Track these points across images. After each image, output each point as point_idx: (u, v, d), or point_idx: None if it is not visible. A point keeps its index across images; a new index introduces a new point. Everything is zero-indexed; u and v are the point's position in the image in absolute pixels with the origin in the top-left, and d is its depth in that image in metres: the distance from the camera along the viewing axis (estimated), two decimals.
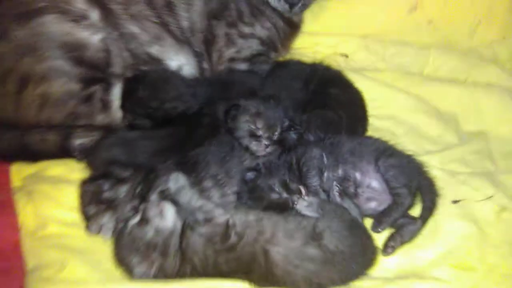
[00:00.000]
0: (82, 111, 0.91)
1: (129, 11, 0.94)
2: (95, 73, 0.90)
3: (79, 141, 0.89)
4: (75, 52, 0.87)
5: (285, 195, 0.77)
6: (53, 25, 0.85)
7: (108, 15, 0.91)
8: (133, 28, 0.94)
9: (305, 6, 1.01)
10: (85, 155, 0.87)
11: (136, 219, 0.72)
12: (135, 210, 0.74)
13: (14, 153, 0.91)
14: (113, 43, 0.91)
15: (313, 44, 1.21)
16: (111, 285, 0.69)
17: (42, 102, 0.88)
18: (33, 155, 0.91)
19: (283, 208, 0.76)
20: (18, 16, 0.85)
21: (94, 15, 0.89)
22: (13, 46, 0.85)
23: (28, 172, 0.91)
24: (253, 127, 0.83)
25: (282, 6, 0.98)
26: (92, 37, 0.88)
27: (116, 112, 0.93)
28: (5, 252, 0.77)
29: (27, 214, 0.81)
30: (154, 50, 0.96)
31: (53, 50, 0.86)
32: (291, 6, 0.97)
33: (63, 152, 0.90)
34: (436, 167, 0.87)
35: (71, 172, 0.88)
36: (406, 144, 0.89)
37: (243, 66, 1.04)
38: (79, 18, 0.87)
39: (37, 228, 0.79)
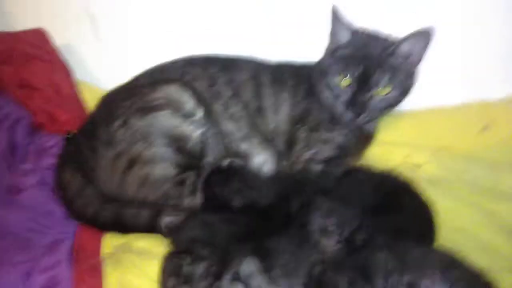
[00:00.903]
0: (174, 193, 1.04)
1: (228, 111, 1.11)
2: (191, 161, 1.05)
3: (167, 219, 1.01)
4: (179, 142, 1.03)
5: None
6: (166, 119, 1.03)
7: (210, 114, 1.08)
8: (229, 126, 1.10)
9: (370, 118, 1.09)
10: (170, 232, 0.98)
11: None
12: (210, 286, 0.81)
13: (110, 223, 1.04)
14: (211, 138, 1.07)
15: (386, 152, 1.27)
16: None
17: (143, 181, 1.03)
18: (125, 227, 1.04)
19: None
20: (140, 110, 1.04)
21: (199, 113, 1.07)
22: (130, 133, 1.03)
23: (118, 242, 1.03)
24: (325, 223, 0.89)
25: (346, 116, 1.06)
26: (195, 132, 1.05)
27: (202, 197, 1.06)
28: None
29: (113, 279, 0.92)
30: (244, 146, 1.10)
31: (161, 139, 1.03)
32: (357, 115, 1.05)
33: (152, 227, 1.01)
34: (504, 285, 0.85)
35: (155, 246, 0.99)
36: (475, 259, 0.88)
37: (318, 168, 1.13)
38: (187, 115, 1.05)
39: None
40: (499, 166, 1.20)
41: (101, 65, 1.43)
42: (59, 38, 1.35)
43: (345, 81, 1.04)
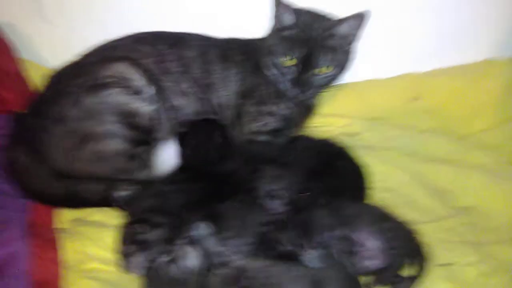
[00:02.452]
0: (126, 167, 1.08)
1: (178, 87, 1.15)
2: (143, 136, 1.09)
3: (120, 193, 1.06)
4: (130, 118, 1.07)
5: (290, 248, 0.90)
6: (116, 96, 1.06)
7: (160, 90, 1.12)
8: (179, 101, 1.15)
9: (312, 95, 1.18)
10: (125, 204, 1.03)
11: (165, 258, 0.85)
12: (165, 251, 0.88)
13: (63, 199, 1.07)
14: (162, 113, 1.12)
15: (326, 122, 1.37)
16: None
17: (95, 157, 1.06)
18: (79, 203, 1.07)
19: (289, 259, 0.89)
20: (90, 87, 1.06)
21: (150, 90, 1.10)
22: (80, 110, 1.05)
23: (72, 216, 1.07)
24: (271, 188, 0.98)
25: (291, 92, 1.14)
26: (145, 108, 1.08)
27: (152, 169, 1.11)
28: (47, 283, 0.91)
29: (69, 251, 0.96)
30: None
31: (112, 116, 1.06)
32: (298, 94, 1.13)
33: (105, 202, 1.06)
34: (427, 235, 0.97)
35: (110, 219, 1.03)
36: (403, 214, 1.00)
37: (263, 138, 1.20)
38: (137, 92, 1.08)
39: (77, 263, 0.93)
40: (425, 133, 1.33)
41: (46, 43, 1.40)
42: (1, 15, 1.31)
43: (290, 61, 1.11)
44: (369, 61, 1.32)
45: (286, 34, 1.13)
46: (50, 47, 1.41)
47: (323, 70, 1.11)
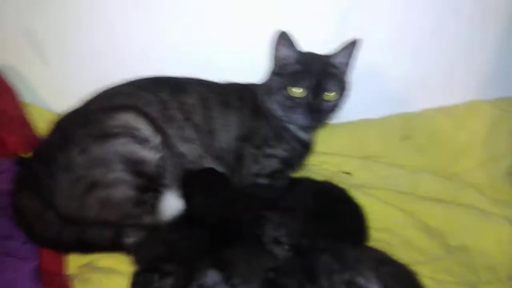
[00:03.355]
0: (134, 213, 1.10)
1: (181, 135, 1.20)
2: (150, 183, 1.12)
3: (129, 238, 1.07)
4: (137, 166, 1.10)
5: None
6: (123, 146, 1.09)
7: (165, 138, 1.16)
8: (183, 149, 1.19)
9: (322, 121, 1.25)
10: (134, 250, 1.05)
11: None
12: None
13: (73, 245, 1.08)
14: (167, 160, 1.15)
15: (321, 162, 1.43)
16: None
17: (103, 203, 1.09)
18: (88, 248, 1.09)
19: None
20: (98, 137, 1.09)
21: (156, 139, 1.14)
22: (88, 159, 1.08)
23: (82, 262, 1.08)
24: (277, 234, 1.02)
25: (304, 121, 1.21)
26: (152, 156, 1.12)
27: (160, 214, 1.14)
28: None
29: None
30: (197, 165, 1.20)
31: (120, 164, 1.09)
32: (313, 120, 1.20)
33: (114, 247, 1.07)
34: (426, 276, 1.02)
35: (120, 264, 1.05)
36: (400, 254, 1.05)
37: (263, 181, 1.25)
38: (144, 141, 1.12)
39: None
40: (417, 172, 1.40)
41: (48, 87, 1.43)
42: (3, 59, 1.34)
43: (299, 93, 1.18)
44: (362, 102, 1.40)
45: (291, 69, 1.21)
46: (52, 91, 1.44)
47: (330, 98, 1.19)
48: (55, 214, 1.09)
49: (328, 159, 1.44)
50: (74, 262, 1.08)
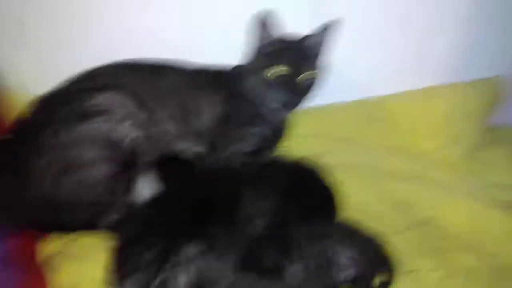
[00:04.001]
0: (113, 192, 1.12)
1: (164, 113, 1.21)
2: (128, 162, 1.14)
3: (107, 217, 1.10)
4: (116, 145, 1.12)
5: (273, 264, 0.99)
6: (103, 124, 1.11)
7: (145, 117, 1.18)
8: (167, 126, 1.21)
9: (298, 101, 1.29)
10: (113, 229, 1.07)
11: (157, 281, 0.91)
12: (156, 274, 0.93)
13: (49, 225, 1.10)
14: (147, 139, 1.17)
15: (296, 144, 1.46)
16: None
17: (81, 184, 1.10)
18: (66, 228, 1.10)
19: (272, 275, 0.97)
20: (76, 116, 1.11)
21: (135, 117, 1.16)
22: (67, 139, 1.09)
23: (61, 241, 1.10)
24: (252, 210, 1.06)
25: (280, 101, 1.25)
26: (130, 134, 1.14)
27: (136, 194, 1.16)
28: None
29: (62, 275, 0.99)
30: (180, 144, 1.23)
31: (98, 143, 1.10)
32: (289, 99, 1.24)
33: (93, 226, 1.09)
34: (393, 246, 1.08)
35: (99, 241, 1.07)
36: (370, 227, 1.10)
37: (241, 159, 1.29)
38: (123, 119, 1.13)
39: (73, 286, 0.97)
40: (384, 152, 1.47)
41: (29, 69, 1.41)
42: None
43: (274, 74, 1.22)
44: (335, 86, 1.44)
45: (268, 49, 1.25)
46: (33, 73, 1.42)
47: (310, 75, 1.24)
48: (30, 195, 1.10)
49: (300, 141, 1.48)
50: (54, 241, 1.10)
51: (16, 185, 1.10)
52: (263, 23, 1.25)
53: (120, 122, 1.13)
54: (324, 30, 1.27)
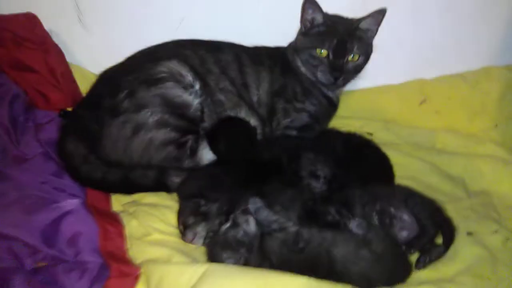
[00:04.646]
0: (176, 154, 1.18)
1: (219, 85, 1.28)
2: (191, 126, 1.20)
3: (173, 178, 1.14)
4: (180, 109, 1.18)
5: (337, 217, 1.01)
6: (168, 89, 1.17)
7: (206, 86, 1.25)
8: (221, 97, 1.27)
9: (346, 81, 1.31)
10: (178, 188, 1.12)
11: (228, 224, 0.95)
12: (224, 222, 0.97)
13: (118, 185, 1.15)
14: (207, 106, 1.24)
15: (344, 125, 1.49)
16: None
17: (147, 145, 1.16)
18: (132, 189, 1.16)
19: (335, 227, 0.99)
20: (144, 81, 1.17)
21: (197, 85, 1.22)
22: (135, 102, 1.15)
23: (127, 200, 1.15)
24: (314, 168, 1.09)
25: (328, 79, 1.27)
26: (194, 101, 1.20)
27: (200, 158, 1.21)
28: (116, 254, 0.98)
29: (133, 226, 1.04)
30: (233, 113, 1.28)
31: (164, 107, 1.16)
32: (336, 79, 1.26)
33: (159, 186, 1.14)
34: (451, 212, 1.09)
35: (164, 200, 1.12)
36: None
37: (294, 133, 1.33)
38: (187, 86, 1.20)
39: (142, 236, 1.01)
40: (434, 131, 1.48)
41: (86, 49, 1.51)
42: (46, 24, 1.42)
43: (323, 52, 1.25)
44: (381, 69, 1.48)
45: (316, 30, 1.28)
46: (90, 53, 1.51)
47: (352, 58, 1.26)
48: (101, 156, 1.16)
49: (351, 122, 1.51)
50: (119, 200, 1.15)
51: (85, 149, 1.16)
52: (310, 3, 1.26)
53: (185, 89, 1.19)
54: (377, 16, 1.27)
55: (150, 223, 1.03)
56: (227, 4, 1.49)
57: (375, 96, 1.57)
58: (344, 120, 1.51)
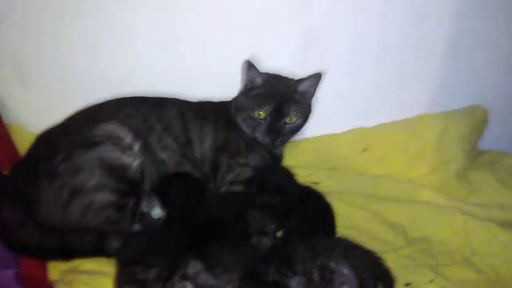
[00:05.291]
0: (116, 217, 1.16)
1: (161, 143, 1.28)
2: (131, 188, 1.18)
3: (111, 243, 1.11)
4: (119, 172, 1.17)
5: (277, 277, 1.01)
6: (106, 152, 1.16)
7: (147, 146, 1.25)
8: (163, 156, 1.27)
9: (283, 142, 1.35)
10: (117, 252, 1.09)
11: None
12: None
13: (55, 252, 1.11)
14: (147, 167, 1.23)
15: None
16: None
17: (86, 209, 1.13)
18: (71, 254, 1.12)
19: (276, 287, 0.99)
20: (83, 144, 1.16)
21: (136, 146, 1.22)
22: (72, 166, 1.14)
23: (64, 268, 1.11)
24: (262, 225, 1.11)
25: (265, 141, 1.30)
26: (133, 162, 1.19)
27: (141, 220, 1.19)
28: None
29: None
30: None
31: (102, 170, 1.15)
32: (273, 140, 1.30)
33: (97, 252, 1.11)
34: (390, 262, 1.11)
35: (102, 266, 1.09)
36: (367, 246, 1.14)
37: (239, 188, 1.33)
38: (126, 148, 1.19)
39: None
40: (377, 178, 1.53)
41: (27, 108, 1.48)
42: None
43: (261, 114, 1.29)
44: (325, 119, 1.52)
45: (256, 92, 1.32)
46: (31, 112, 1.49)
47: (290, 120, 1.30)
48: (36, 223, 1.12)
49: (298, 171, 1.52)
50: (57, 268, 1.11)
51: (20, 215, 1.12)
52: (250, 66, 1.30)
53: (123, 151, 1.19)
54: (315, 79, 1.31)
55: None
56: (171, 56, 1.52)
57: (320, 145, 1.61)
58: (293, 169, 1.54)
